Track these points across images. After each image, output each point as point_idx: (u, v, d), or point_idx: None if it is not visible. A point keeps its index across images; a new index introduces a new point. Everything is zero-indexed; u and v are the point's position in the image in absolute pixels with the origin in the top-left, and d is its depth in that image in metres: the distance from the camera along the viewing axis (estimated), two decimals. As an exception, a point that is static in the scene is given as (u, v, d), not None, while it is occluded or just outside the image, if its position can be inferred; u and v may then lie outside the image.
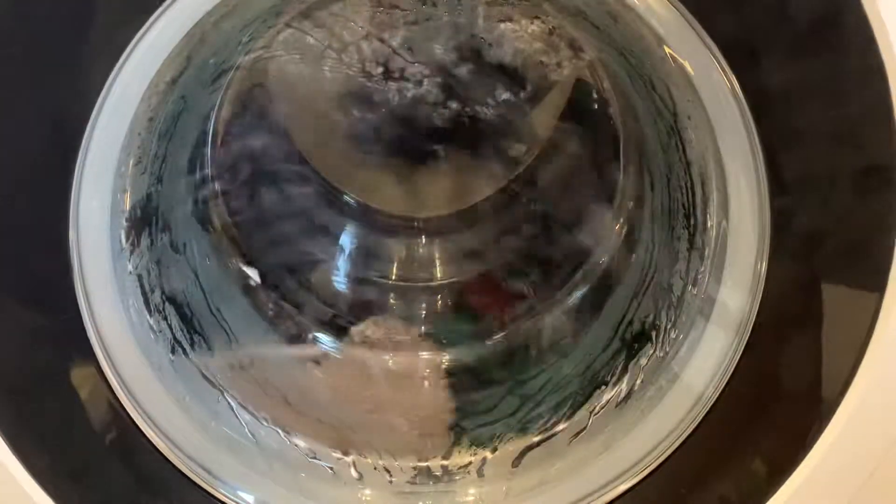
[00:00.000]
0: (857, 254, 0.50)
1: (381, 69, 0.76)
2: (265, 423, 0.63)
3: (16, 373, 0.49)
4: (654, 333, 0.63)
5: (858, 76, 0.46)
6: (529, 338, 0.77)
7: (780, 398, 0.52)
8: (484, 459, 0.64)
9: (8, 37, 0.44)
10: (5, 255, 0.48)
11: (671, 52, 0.51)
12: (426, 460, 0.65)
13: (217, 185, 0.71)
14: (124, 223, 0.54)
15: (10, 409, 0.49)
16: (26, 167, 0.47)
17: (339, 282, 0.75)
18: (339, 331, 0.76)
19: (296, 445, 0.62)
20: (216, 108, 0.74)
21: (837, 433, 0.50)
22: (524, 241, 0.80)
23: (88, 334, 0.50)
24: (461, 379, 0.75)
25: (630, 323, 0.68)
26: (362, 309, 0.78)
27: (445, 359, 0.78)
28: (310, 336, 0.73)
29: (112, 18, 0.45)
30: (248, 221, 0.77)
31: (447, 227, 0.80)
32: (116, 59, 0.45)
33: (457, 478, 0.64)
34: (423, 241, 0.77)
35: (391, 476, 0.63)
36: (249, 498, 0.56)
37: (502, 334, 0.78)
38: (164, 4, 0.45)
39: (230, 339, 0.68)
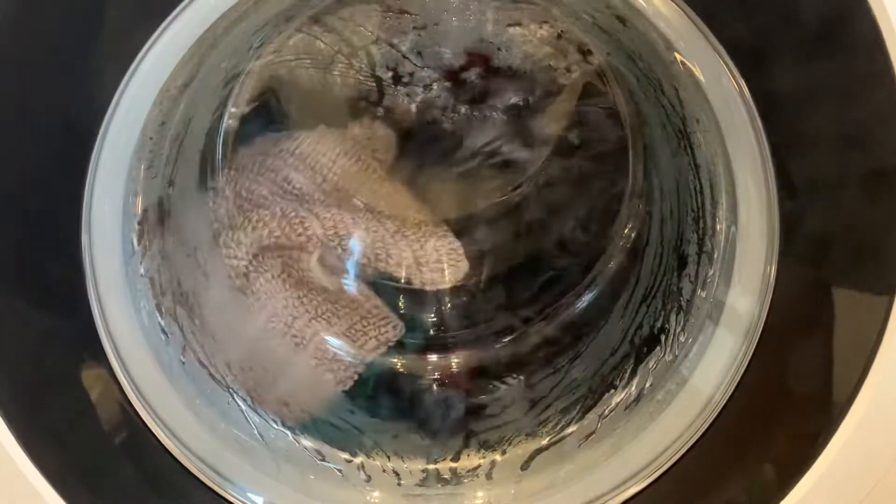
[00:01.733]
0: (867, 257, 0.50)
1: (390, 73, 0.76)
2: (274, 425, 0.63)
3: (27, 373, 0.50)
4: (663, 337, 0.63)
5: (867, 79, 0.46)
6: (539, 341, 0.77)
7: (789, 402, 0.52)
8: (493, 462, 0.64)
9: (21, 41, 0.44)
10: (19, 257, 0.48)
11: (680, 56, 0.51)
12: (434, 463, 0.65)
13: (227, 189, 0.72)
14: (136, 226, 0.55)
15: (22, 409, 0.49)
16: (39, 171, 0.47)
17: (349, 285, 0.75)
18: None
19: (304, 447, 0.63)
20: (227, 112, 0.74)
21: (847, 437, 0.50)
22: (533, 245, 0.80)
23: (100, 336, 0.50)
24: (470, 382, 0.75)
25: (639, 326, 0.68)
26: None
27: (454, 361, 0.78)
28: (322, 338, 0.73)
29: (124, 23, 0.45)
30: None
31: (455, 231, 0.81)
32: (129, 64, 0.46)
33: (465, 480, 0.63)
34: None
35: (400, 478, 0.63)
36: (258, 499, 0.56)
37: (511, 337, 0.78)
38: (176, 9, 0.46)
39: (240, 340, 0.68)
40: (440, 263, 0.72)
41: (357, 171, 0.75)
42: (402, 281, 0.77)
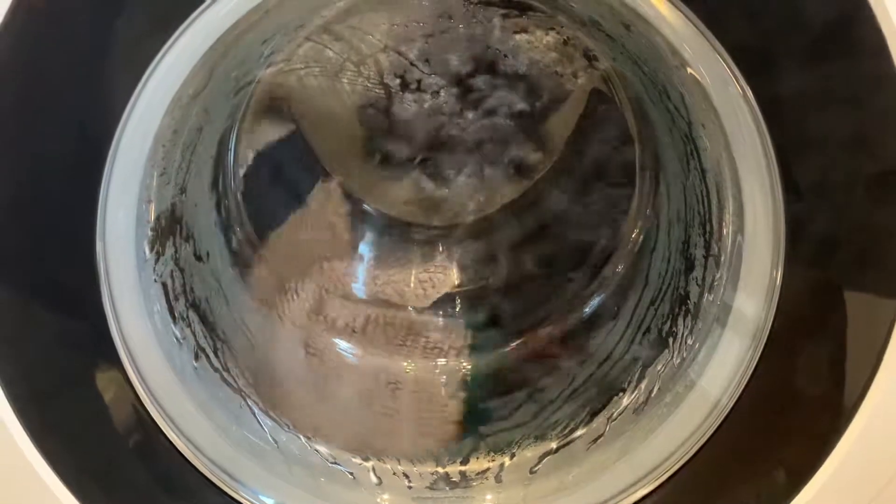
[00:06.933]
0: (874, 260, 0.50)
1: (398, 81, 0.77)
2: (286, 429, 0.64)
3: (43, 376, 0.50)
4: (670, 340, 0.63)
5: (872, 82, 0.46)
6: (547, 345, 0.77)
7: (797, 405, 0.52)
8: (502, 465, 0.65)
9: (35, 51, 0.45)
10: (35, 263, 0.49)
11: (684, 61, 0.52)
12: (444, 466, 0.65)
13: (239, 196, 0.73)
14: (149, 233, 0.56)
15: (38, 410, 0.50)
16: (54, 179, 0.48)
17: (359, 290, 0.75)
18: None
19: (317, 450, 0.63)
20: (238, 120, 0.75)
21: (855, 439, 0.50)
22: (541, 249, 0.81)
23: (114, 340, 0.51)
24: (479, 385, 0.76)
25: (647, 330, 0.68)
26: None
27: (464, 365, 0.78)
28: (331, 341, 0.74)
29: (136, 33, 0.46)
30: (271, 231, 0.78)
31: (464, 236, 0.81)
32: (141, 73, 0.46)
33: (475, 483, 0.64)
34: (441, 249, 0.77)
35: (410, 481, 0.63)
36: (269, 501, 0.56)
37: (520, 341, 0.79)
38: (188, 19, 0.47)
39: (253, 346, 0.69)
40: (429, 279, 0.72)
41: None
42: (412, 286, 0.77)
